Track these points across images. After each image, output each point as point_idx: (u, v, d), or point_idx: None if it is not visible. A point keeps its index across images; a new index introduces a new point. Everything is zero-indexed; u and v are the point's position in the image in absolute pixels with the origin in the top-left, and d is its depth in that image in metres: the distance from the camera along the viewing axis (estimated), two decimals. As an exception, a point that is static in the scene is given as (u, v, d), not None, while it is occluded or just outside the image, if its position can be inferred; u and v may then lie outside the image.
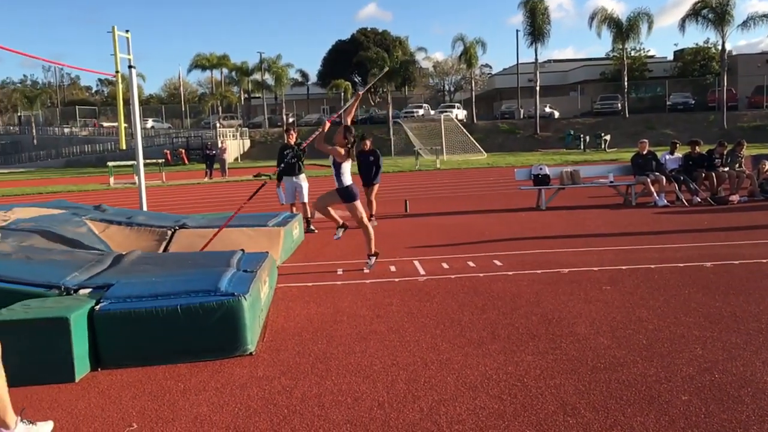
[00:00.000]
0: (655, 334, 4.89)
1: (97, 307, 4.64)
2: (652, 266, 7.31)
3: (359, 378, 4.23)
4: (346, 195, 7.84)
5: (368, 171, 11.95)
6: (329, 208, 8.13)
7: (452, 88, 71.14)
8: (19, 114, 70.58)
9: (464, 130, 42.18)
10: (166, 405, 3.93)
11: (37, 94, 67.72)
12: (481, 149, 40.20)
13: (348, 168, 7.82)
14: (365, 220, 7.99)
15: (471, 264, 7.86)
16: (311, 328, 5.44)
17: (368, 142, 12.20)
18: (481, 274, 7.25)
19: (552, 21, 50.66)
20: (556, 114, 56.48)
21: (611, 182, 14.06)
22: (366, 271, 7.67)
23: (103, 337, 4.60)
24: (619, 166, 15.31)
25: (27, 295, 4.94)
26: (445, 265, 7.83)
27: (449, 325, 5.37)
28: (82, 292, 5.02)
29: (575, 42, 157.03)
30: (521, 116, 56.92)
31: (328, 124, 8.03)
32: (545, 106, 55.46)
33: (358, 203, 7.92)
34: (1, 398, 3.34)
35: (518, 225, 11.15)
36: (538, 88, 50.51)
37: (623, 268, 7.28)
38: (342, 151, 7.64)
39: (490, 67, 76.25)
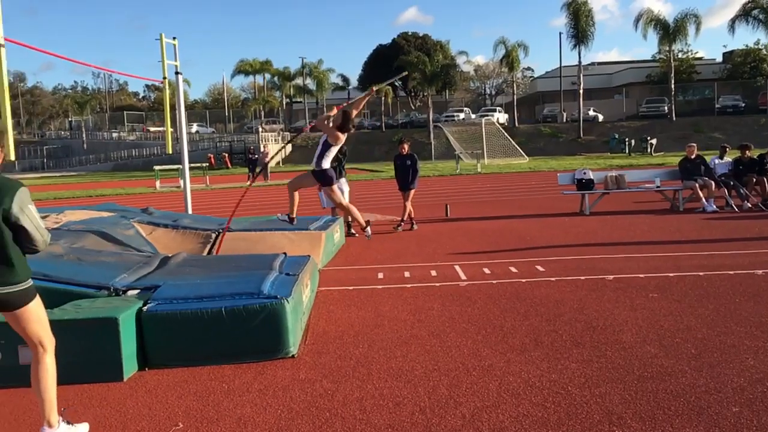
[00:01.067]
0: (704, 344, 4.76)
1: (145, 308, 4.75)
2: (701, 273, 7.11)
3: (400, 382, 4.23)
4: (322, 178, 7.84)
5: (405, 175, 11.89)
6: (296, 193, 8.17)
7: (493, 92, 70.63)
8: (70, 119, 72.89)
9: (506, 133, 41.83)
10: (211, 405, 3.99)
11: (87, 100, 69.84)
12: (523, 153, 39.81)
13: (333, 153, 7.86)
14: (343, 201, 8.05)
15: (513, 269, 7.78)
16: (352, 331, 5.46)
17: (406, 146, 12.14)
18: (524, 280, 7.17)
19: (596, 23, 49.82)
20: (601, 117, 55.53)
21: (658, 187, 13.74)
22: (367, 237, 8.14)
23: (150, 338, 4.70)
24: (665, 170, 14.96)
25: (78, 295, 5.09)
26: (486, 270, 7.78)
27: (491, 330, 5.32)
28: (130, 293, 5.15)
29: (620, 44, 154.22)
30: (564, 120, 56.14)
31: (335, 110, 8.11)
32: (589, 110, 54.58)
33: (335, 187, 7.96)
34: (50, 397, 3.45)
35: (561, 230, 10.99)
36: (581, 91, 49.75)
37: (671, 275, 7.10)
38: (341, 135, 7.67)
39: (532, 70, 75.51)
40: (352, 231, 11.34)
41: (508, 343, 4.96)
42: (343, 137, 7.72)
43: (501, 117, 55.14)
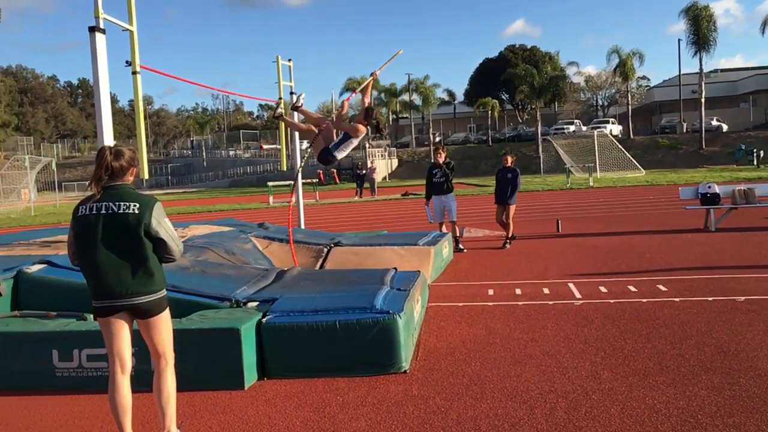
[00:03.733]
0: None
1: (264, 320, 4.94)
2: None
3: (516, 403, 4.12)
4: (325, 157, 7.60)
5: (504, 189, 11.60)
6: (300, 123, 7.95)
7: (606, 103, 68.13)
8: (191, 139, 77.70)
9: (619, 146, 40.18)
10: (327, 418, 4.07)
11: (207, 120, 74.26)
12: (639, 166, 38.07)
13: (353, 145, 7.70)
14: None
15: (632, 288, 7.42)
16: (464, 348, 5.40)
17: (509, 158, 11.90)
18: (644, 300, 6.81)
19: (718, 28, 46.91)
20: (725, 127, 52.21)
21: (793, 201, 12.67)
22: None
23: (269, 348, 4.87)
24: (802, 183, 13.77)
25: (203, 306, 5.37)
26: (602, 289, 7.46)
27: (610, 352, 5.09)
28: (250, 305, 5.36)
29: (744, 49, 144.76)
30: (684, 130, 53.24)
31: (346, 105, 8.05)
32: (711, 119, 51.46)
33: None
34: (171, 410, 3.64)
35: (684, 247, 10.37)
36: (703, 100, 47.01)
37: (812, 297, 6.51)
38: (362, 128, 7.56)
39: (648, 79, 72.18)
40: (461, 246, 11.26)
41: (630, 367, 4.72)
42: (364, 129, 7.71)
43: (614, 128, 53.13)
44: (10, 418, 4.35)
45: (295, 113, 9.63)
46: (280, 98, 11.01)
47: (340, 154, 7.67)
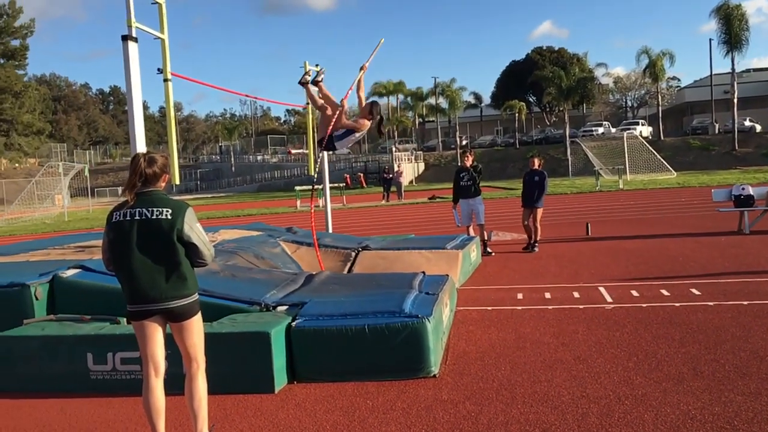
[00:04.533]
0: None
1: (294, 324, 4.96)
2: None
3: (547, 408, 4.08)
4: (327, 143, 7.67)
5: (531, 191, 11.46)
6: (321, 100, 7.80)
7: (635, 104, 67.21)
8: (220, 144, 78.59)
9: (650, 147, 39.59)
10: (357, 422, 4.07)
11: (235, 126, 75.14)
12: (670, 168, 37.46)
13: (355, 140, 7.72)
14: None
15: (664, 292, 7.30)
16: (493, 353, 5.36)
17: (536, 161, 11.76)
18: (677, 304, 6.69)
19: (750, 27, 45.99)
20: (758, 128, 51.11)
21: (831, 203, 12.35)
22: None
23: (298, 352, 4.90)
24: (840, 184, 13.42)
25: (233, 310, 5.42)
26: (634, 293, 7.35)
27: (643, 357, 5.01)
28: (279, 308, 5.40)
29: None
30: (716, 131, 52.27)
31: (345, 103, 8.02)
32: (744, 120, 50.42)
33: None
34: (203, 414, 3.68)
35: (717, 250, 10.17)
36: (735, 100, 46.08)
37: None
38: (366, 122, 7.59)
39: (679, 80, 71.03)
40: (489, 250, 11.19)
41: (663, 372, 4.64)
42: (368, 124, 7.73)
43: (644, 130, 52.36)
44: (47, 421, 4.44)
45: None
46: (308, 103, 11.08)
47: (342, 146, 7.79)
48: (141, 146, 5.93)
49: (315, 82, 7.95)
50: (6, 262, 7.20)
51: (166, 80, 6.41)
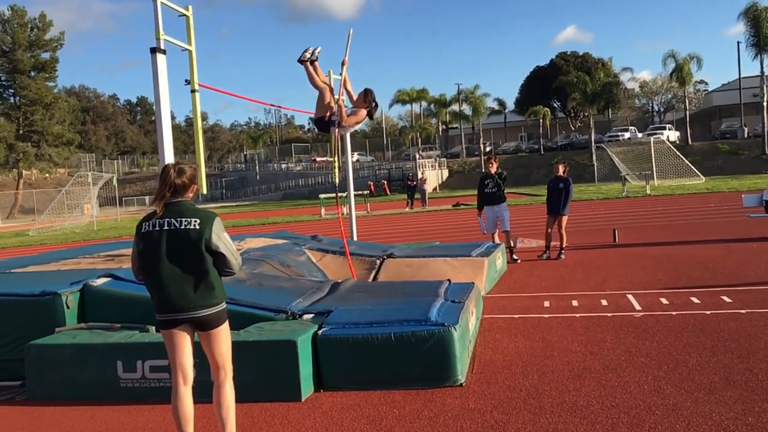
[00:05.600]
0: None
1: (320, 332, 4.98)
2: None
3: (576, 418, 4.04)
4: (322, 125, 7.75)
5: (556, 199, 11.33)
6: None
7: (662, 109, 66.34)
8: (245, 153, 79.31)
9: (677, 152, 39.05)
10: (384, 431, 4.07)
11: (260, 135, 75.67)
12: (698, 173, 36.87)
13: (351, 128, 7.86)
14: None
15: (694, 300, 7.18)
16: (520, 361, 5.32)
17: (560, 167, 11.62)
18: (708, 312, 6.58)
19: (780, 28, 45.07)
20: (789, 131, 50.01)
21: None
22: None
23: (325, 360, 4.91)
24: None
25: (260, 318, 5.45)
26: (663, 301, 7.24)
27: (673, 366, 4.93)
28: (306, 317, 5.42)
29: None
30: (745, 135, 51.34)
31: (342, 104, 7.98)
32: (774, 123, 49.39)
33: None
34: (231, 423, 3.70)
35: (749, 257, 9.98)
36: (765, 104, 45.22)
37: None
38: (363, 111, 7.69)
39: (706, 84, 70.01)
40: (515, 257, 11.12)
41: (695, 381, 4.56)
42: (365, 112, 7.79)
43: (671, 135, 51.68)
44: (77, 428, 4.51)
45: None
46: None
47: (338, 130, 7.80)
48: (169, 156, 6.02)
49: (311, 62, 7.88)
50: (38, 271, 7.34)
51: (193, 91, 6.50)
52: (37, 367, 5.20)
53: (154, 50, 6.04)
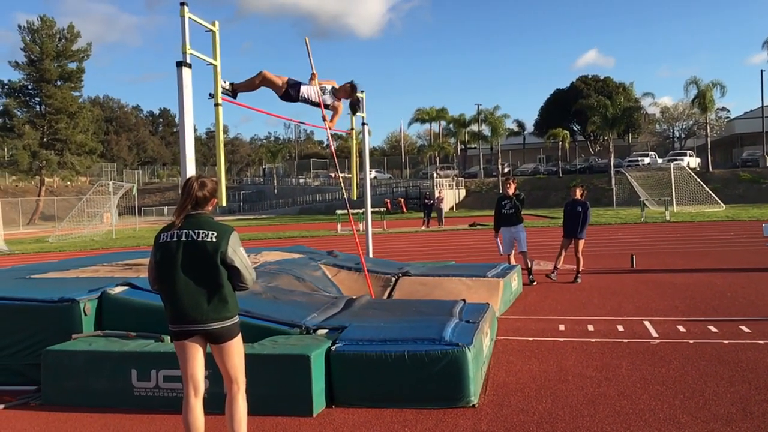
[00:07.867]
0: None
1: (333, 348, 4.98)
2: None
3: (589, 444, 3.99)
4: (287, 95, 7.47)
5: (574, 222, 11.22)
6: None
7: (683, 135, 65.90)
8: (263, 166, 79.87)
9: (698, 179, 38.70)
10: (394, 449, 4.05)
11: (278, 149, 76.31)
12: (719, 200, 36.48)
13: (336, 116, 7.97)
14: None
15: (712, 329, 7.08)
16: (534, 385, 5.28)
17: (578, 191, 11.53)
18: (726, 341, 6.49)
19: (805, 57, 44.82)
20: (811, 160, 49.50)
21: None
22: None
23: (337, 376, 4.91)
24: None
25: (274, 331, 5.47)
26: (681, 328, 7.15)
27: (690, 395, 4.86)
28: (320, 332, 5.43)
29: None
30: (767, 164, 50.81)
31: (339, 107, 8.03)
32: (797, 152, 48.92)
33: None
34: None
35: (768, 287, 9.84)
36: (788, 133, 44.82)
37: None
38: (340, 104, 7.89)
39: (728, 111, 69.46)
40: (532, 278, 11.05)
41: (711, 411, 4.50)
42: (342, 104, 7.98)
43: (692, 161, 51.25)
44: (91, 434, 4.53)
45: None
46: (352, 128, 11.22)
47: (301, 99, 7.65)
48: (191, 168, 6.09)
49: (234, 93, 7.44)
50: (57, 277, 7.43)
51: (216, 105, 6.58)
52: (52, 372, 5.25)
53: (180, 64, 6.13)
